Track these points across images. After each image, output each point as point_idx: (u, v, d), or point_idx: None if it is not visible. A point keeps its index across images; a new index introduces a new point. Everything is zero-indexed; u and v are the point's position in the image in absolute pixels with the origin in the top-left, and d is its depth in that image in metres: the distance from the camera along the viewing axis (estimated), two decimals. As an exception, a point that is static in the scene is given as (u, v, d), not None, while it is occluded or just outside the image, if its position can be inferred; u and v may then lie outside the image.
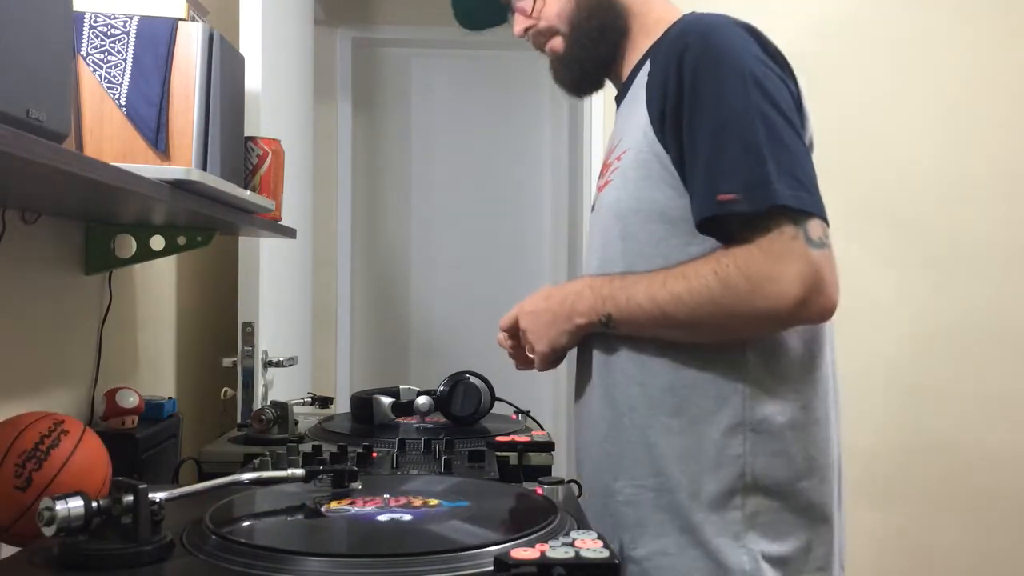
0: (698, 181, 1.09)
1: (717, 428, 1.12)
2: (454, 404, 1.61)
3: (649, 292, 1.11)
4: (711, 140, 1.08)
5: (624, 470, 1.18)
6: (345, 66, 3.71)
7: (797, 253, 1.04)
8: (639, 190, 1.15)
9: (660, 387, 1.15)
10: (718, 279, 1.06)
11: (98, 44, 1.28)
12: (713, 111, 1.08)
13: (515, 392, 1.78)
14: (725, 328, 1.10)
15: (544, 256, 3.83)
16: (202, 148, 1.33)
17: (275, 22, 2.23)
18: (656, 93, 1.14)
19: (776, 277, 1.04)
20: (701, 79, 1.09)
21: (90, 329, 1.58)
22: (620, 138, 1.22)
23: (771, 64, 1.12)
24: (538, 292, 1.26)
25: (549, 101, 3.82)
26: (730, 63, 1.09)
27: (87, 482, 1.06)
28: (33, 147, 0.78)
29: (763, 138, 1.06)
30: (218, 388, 2.12)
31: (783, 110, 1.09)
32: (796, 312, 1.05)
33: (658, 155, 1.13)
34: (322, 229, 3.50)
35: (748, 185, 1.05)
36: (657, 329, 1.13)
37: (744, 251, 1.06)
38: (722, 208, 1.06)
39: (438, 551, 0.84)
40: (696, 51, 1.10)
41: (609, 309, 1.15)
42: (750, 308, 1.06)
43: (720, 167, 1.07)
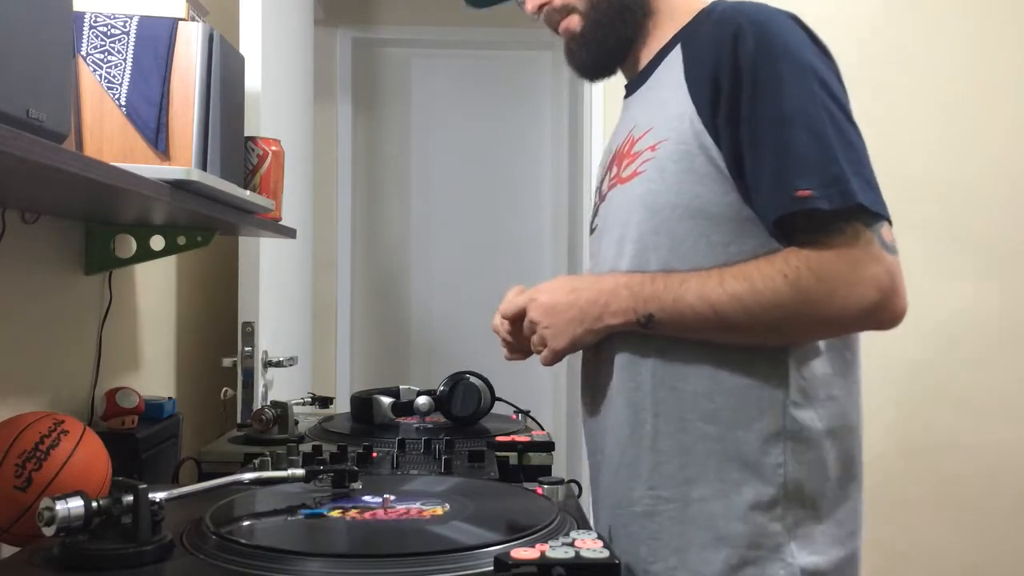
0: (766, 176, 1.02)
1: (757, 435, 1.06)
2: (454, 404, 1.61)
3: (702, 293, 1.03)
4: (777, 133, 1.01)
5: (646, 479, 1.10)
6: (345, 66, 3.71)
7: (874, 256, 0.99)
8: (680, 183, 1.07)
9: (695, 391, 1.08)
10: (788, 282, 1.00)
11: (98, 44, 1.28)
12: (777, 103, 1.02)
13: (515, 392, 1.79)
14: (787, 333, 1.05)
15: (544, 256, 3.83)
16: (202, 148, 1.33)
17: (275, 22, 2.23)
18: (704, 81, 1.06)
19: (853, 281, 0.99)
20: (762, 69, 1.03)
21: (90, 329, 1.58)
22: (648, 127, 1.13)
23: (823, 56, 1.08)
24: (556, 283, 1.16)
25: (549, 101, 3.82)
26: (791, 54, 1.04)
27: (87, 482, 1.06)
28: (33, 147, 0.78)
29: (832, 134, 1.01)
30: (218, 388, 2.12)
31: (843, 105, 1.05)
32: (869, 317, 1.01)
33: (704, 147, 1.05)
34: (322, 229, 3.50)
35: (825, 182, 0.99)
36: (707, 332, 1.06)
37: (816, 254, 1.00)
38: (801, 204, 0.99)
39: (438, 551, 0.84)
40: (752, 39, 1.04)
41: (651, 309, 1.07)
42: (821, 313, 1.01)
43: (792, 161, 1.00)
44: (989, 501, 2.73)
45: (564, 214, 3.77)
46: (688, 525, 1.07)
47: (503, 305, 1.21)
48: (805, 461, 1.06)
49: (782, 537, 1.05)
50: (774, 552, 1.05)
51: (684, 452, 1.08)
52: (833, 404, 1.08)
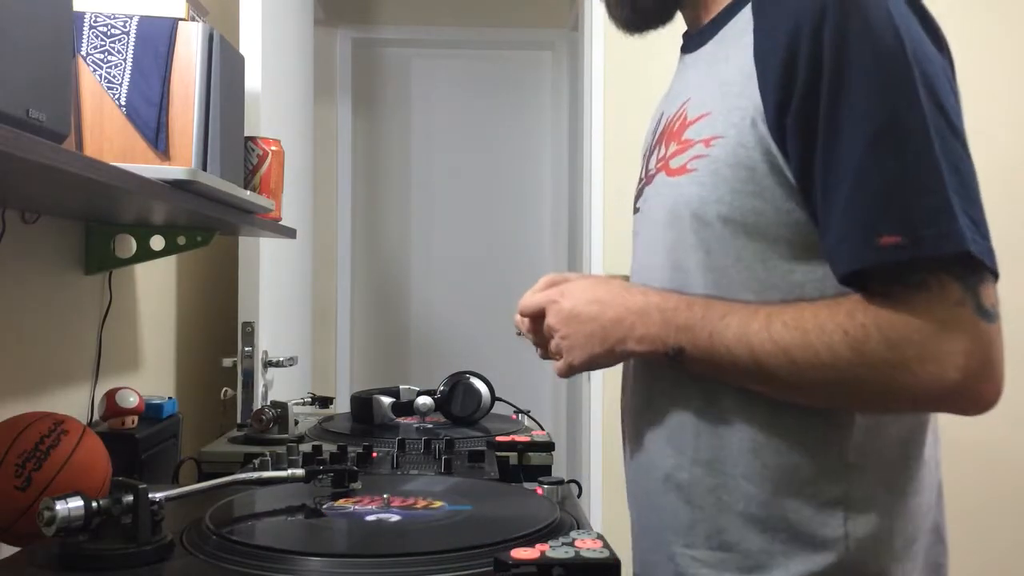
0: (842, 211, 0.81)
1: (811, 503, 0.88)
2: (454, 404, 1.61)
3: (743, 334, 0.85)
4: (864, 150, 0.79)
5: (680, 534, 0.95)
6: (345, 66, 3.71)
7: (964, 325, 0.79)
8: (736, 196, 0.88)
9: (740, 445, 0.90)
10: (848, 342, 0.81)
11: (98, 44, 1.28)
12: (868, 107, 0.80)
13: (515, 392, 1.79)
14: (841, 401, 0.87)
15: (544, 256, 3.83)
16: (202, 148, 1.33)
17: (275, 22, 2.23)
18: (776, 69, 0.84)
19: (932, 354, 0.79)
20: (850, 60, 0.80)
21: (90, 329, 1.58)
22: (706, 110, 0.92)
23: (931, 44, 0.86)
24: (581, 288, 0.98)
25: (549, 101, 3.83)
26: (890, 44, 0.81)
27: (87, 482, 1.06)
28: (33, 147, 0.78)
29: (937, 155, 0.79)
30: (218, 388, 2.12)
31: (953, 120, 0.82)
32: (949, 400, 0.82)
33: (769, 154, 0.85)
34: (322, 229, 3.50)
35: (921, 221, 0.78)
36: (743, 380, 0.89)
37: (893, 313, 0.79)
38: (884, 256, 0.78)
39: (438, 551, 0.84)
40: (841, 17, 0.81)
41: (682, 342, 0.89)
42: (885, 385, 0.81)
43: (880, 193, 0.79)
44: (986, 500, 2.73)
45: (564, 214, 3.77)
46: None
47: (523, 299, 1.04)
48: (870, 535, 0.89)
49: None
50: None
51: (724, 512, 0.92)
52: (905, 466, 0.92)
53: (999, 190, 2.76)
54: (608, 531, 1.06)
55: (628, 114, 2.78)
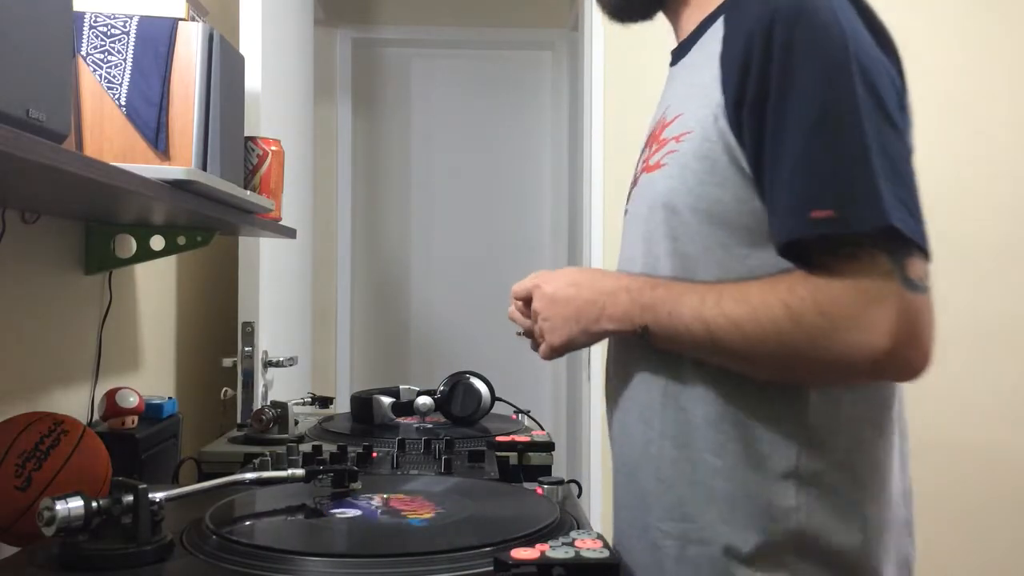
0: (783, 189, 0.88)
1: (768, 476, 0.93)
2: (454, 404, 1.61)
3: (698, 311, 0.92)
4: (804, 139, 0.87)
5: (650, 508, 1.00)
6: (345, 66, 3.71)
7: (890, 293, 0.84)
8: (701, 185, 0.94)
9: (704, 418, 0.95)
10: (788, 312, 0.87)
11: (98, 44, 1.28)
12: (807, 102, 0.87)
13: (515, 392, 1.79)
14: (785, 371, 0.92)
15: (544, 256, 3.83)
16: (202, 148, 1.33)
17: (275, 22, 2.23)
18: (734, 70, 0.92)
19: (861, 321, 0.84)
20: (794, 60, 0.88)
21: (90, 329, 1.58)
22: (680, 112, 1.00)
23: (874, 47, 0.93)
24: (561, 274, 1.07)
25: (549, 101, 3.82)
26: (832, 42, 0.88)
27: (87, 482, 1.06)
28: (33, 147, 0.78)
29: (871, 143, 0.86)
30: (218, 388, 2.12)
31: (889, 111, 0.89)
32: (879, 367, 0.86)
33: (729, 147, 0.93)
34: (322, 229, 3.50)
35: (850, 199, 0.85)
36: (700, 353, 0.95)
37: (825, 283, 0.86)
38: (815, 228, 0.86)
39: (438, 551, 0.84)
40: (787, 22, 0.89)
41: (647, 320, 0.96)
42: (823, 354, 0.87)
43: (815, 174, 0.87)
44: (986, 500, 2.73)
45: (564, 214, 3.77)
46: (685, 566, 0.96)
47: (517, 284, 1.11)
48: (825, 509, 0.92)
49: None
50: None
51: (687, 484, 0.97)
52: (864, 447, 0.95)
53: (999, 190, 2.77)
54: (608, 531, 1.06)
55: (628, 114, 2.78)
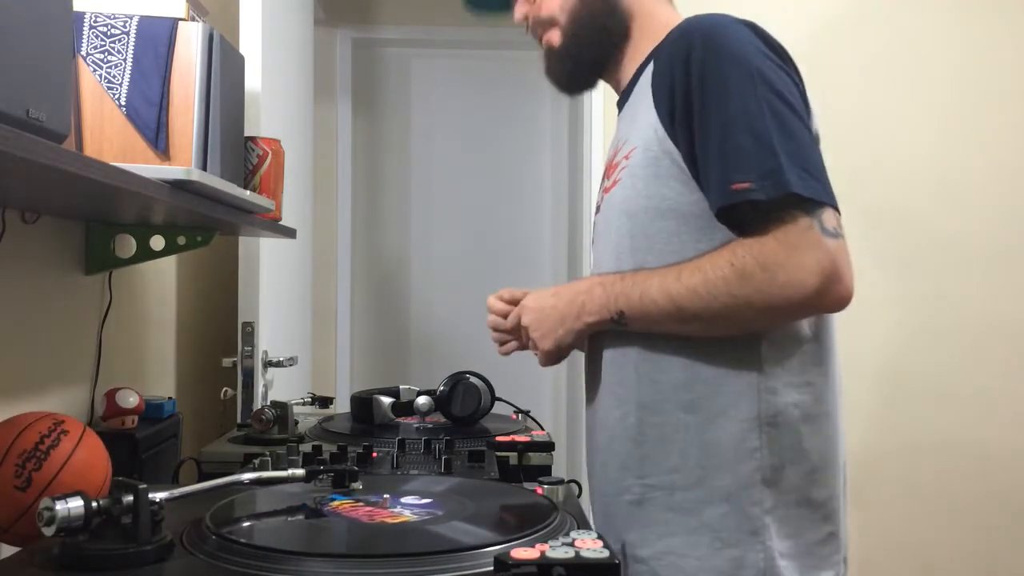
0: (712, 172, 1.09)
1: (734, 422, 1.11)
2: (454, 404, 1.61)
3: (663, 287, 1.10)
4: (721, 132, 1.08)
5: (633, 468, 1.16)
6: (345, 66, 3.71)
7: (812, 242, 1.03)
8: (648, 187, 1.14)
9: (674, 383, 1.14)
10: (734, 270, 1.06)
11: (98, 44, 1.28)
12: (722, 105, 1.08)
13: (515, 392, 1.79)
14: (741, 320, 1.10)
15: (544, 256, 3.83)
16: (202, 148, 1.33)
17: (275, 22, 2.23)
18: (663, 91, 1.14)
19: (793, 267, 1.03)
20: (709, 75, 1.10)
21: (90, 329, 1.58)
22: (626, 139, 1.22)
23: (775, 59, 1.13)
24: (542, 290, 1.26)
25: (549, 101, 3.82)
26: (735, 59, 1.10)
27: (87, 482, 1.06)
28: (33, 147, 0.78)
29: (772, 129, 1.06)
30: (218, 388, 2.12)
31: (789, 102, 1.10)
32: (813, 301, 1.05)
33: (668, 151, 1.13)
34: (322, 229, 3.50)
35: (761, 174, 1.05)
36: (671, 324, 1.12)
37: (759, 242, 1.05)
38: (737, 196, 1.06)
39: (438, 551, 0.84)
40: (701, 49, 1.11)
41: (621, 306, 1.14)
42: (767, 298, 1.05)
43: (732, 157, 1.07)
44: (980, 497, 2.73)
45: (564, 214, 3.77)
46: (674, 512, 1.13)
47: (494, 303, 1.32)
48: (781, 447, 1.11)
49: (759, 521, 1.10)
50: (753, 536, 1.10)
51: (666, 441, 1.14)
52: (808, 390, 1.13)
53: (999, 191, 2.77)
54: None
55: (628, 114, 2.78)
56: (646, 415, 1.16)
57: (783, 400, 1.12)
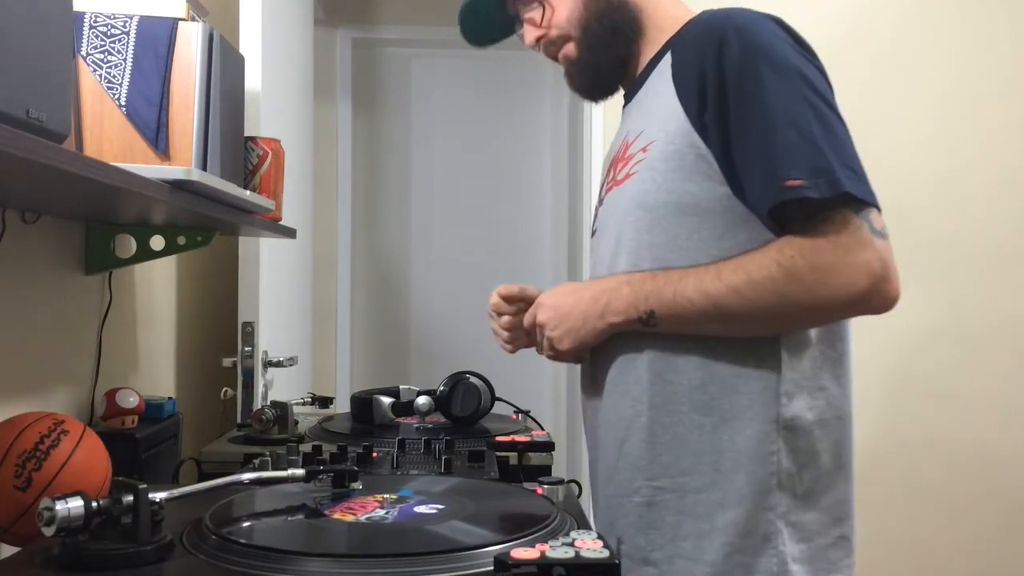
0: (757, 171, 1.06)
1: (751, 425, 1.09)
2: (454, 404, 1.61)
3: (700, 286, 1.07)
4: (765, 130, 1.05)
5: (644, 469, 1.14)
6: (345, 66, 3.71)
7: (864, 242, 1.02)
8: (670, 182, 1.11)
9: (689, 384, 1.12)
10: (783, 270, 1.03)
11: (98, 44, 1.28)
12: (763, 102, 1.06)
13: (515, 392, 1.79)
14: (784, 320, 1.08)
15: (544, 256, 3.83)
16: (202, 148, 1.33)
17: (275, 22, 2.23)
18: (690, 84, 1.11)
19: (844, 267, 1.02)
20: (747, 72, 1.07)
21: (90, 329, 1.58)
22: (640, 131, 1.18)
23: (806, 54, 1.12)
24: (558, 287, 1.23)
25: (549, 101, 3.82)
26: (773, 54, 1.08)
27: (87, 482, 1.06)
28: (33, 147, 0.78)
29: (816, 127, 1.05)
30: (218, 388, 2.12)
31: (827, 99, 1.09)
32: (862, 302, 1.04)
33: (694, 146, 1.10)
34: (322, 229, 3.50)
35: (813, 172, 1.02)
36: (706, 325, 1.09)
37: (809, 242, 1.03)
38: (790, 193, 1.03)
39: (438, 551, 0.84)
40: (736, 44, 1.08)
41: (652, 306, 1.10)
42: (816, 299, 1.03)
43: (780, 155, 1.04)
44: (980, 497, 2.73)
45: (564, 214, 3.77)
46: (685, 515, 1.11)
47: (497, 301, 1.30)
48: (797, 450, 1.10)
49: (773, 525, 1.08)
50: (766, 540, 1.08)
51: (680, 443, 1.12)
52: (824, 395, 1.12)
53: (999, 191, 2.76)
54: (608, 531, 1.06)
55: (628, 114, 2.78)
56: (659, 415, 1.13)
57: (801, 403, 1.10)
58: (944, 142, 2.77)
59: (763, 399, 1.09)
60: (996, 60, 2.77)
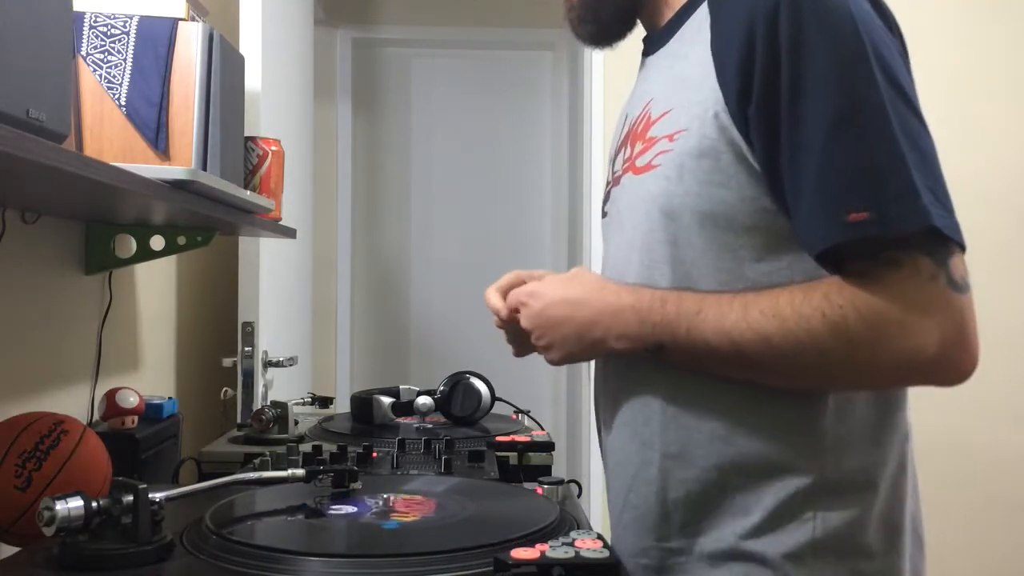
0: (809, 191, 0.82)
1: (786, 488, 0.89)
2: (454, 404, 1.61)
3: (721, 326, 0.86)
4: (826, 135, 0.81)
5: (653, 529, 0.95)
6: (345, 66, 3.71)
7: (938, 299, 0.80)
8: (702, 186, 0.89)
9: (711, 433, 0.91)
10: (828, 325, 0.82)
11: (98, 44, 1.28)
12: (827, 96, 0.82)
13: (515, 392, 1.79)
14: (823, 382, 0.88)
15: (544, 256, 3.83)
16: (202, 148, 1.33)
17: (275, 22, 2.23)
18: (734, 61, 0.86)
19: (909, 329, 0.80)
20: (808, 50, 0.82)
21: (90, 329, 1.58)
22: (668, 108, 0.94)
23: (887, 34, 0.88)
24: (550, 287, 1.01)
25: (549, 101, 3.82)
26: (846, 30, 0.83)
27: (87, 482, 1.06)
28: (33, 147, 0.78)
29: (897, 135, 0.81)
30: (218, 388, 2.12)
31: (912, 101, 0.85)
32: (929, 372, 0.82)
33: (732, 144, 0.87)
34: (322, 229, 3.50)
35: (886, 199, 0.80)
36: (723, 369, 0.90)
37: (868, 292, 0.81)
38: (854, 231, 0.80)
39: (438, 551, 0.84)
40: (794, 7, 0.83)
41: (662, 339, 0.90)
42: (866, 365, 0.83)
43: (843, 174, 0.81)
44: (980, 497, 2.73)
45: (564, 214, 3.77)
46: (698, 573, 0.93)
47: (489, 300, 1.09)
48: (842, 517, 0.89)
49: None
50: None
51: (695, 504, 0.93)
52: (878, 452, 0.91)
53: (999, 191, 2.76)
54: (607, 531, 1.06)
55: (628, 114, 2.77)
56: (673, 467, 0.93)
57: (848, 464, 0.89)
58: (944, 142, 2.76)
59: (805, 456, 0.89)
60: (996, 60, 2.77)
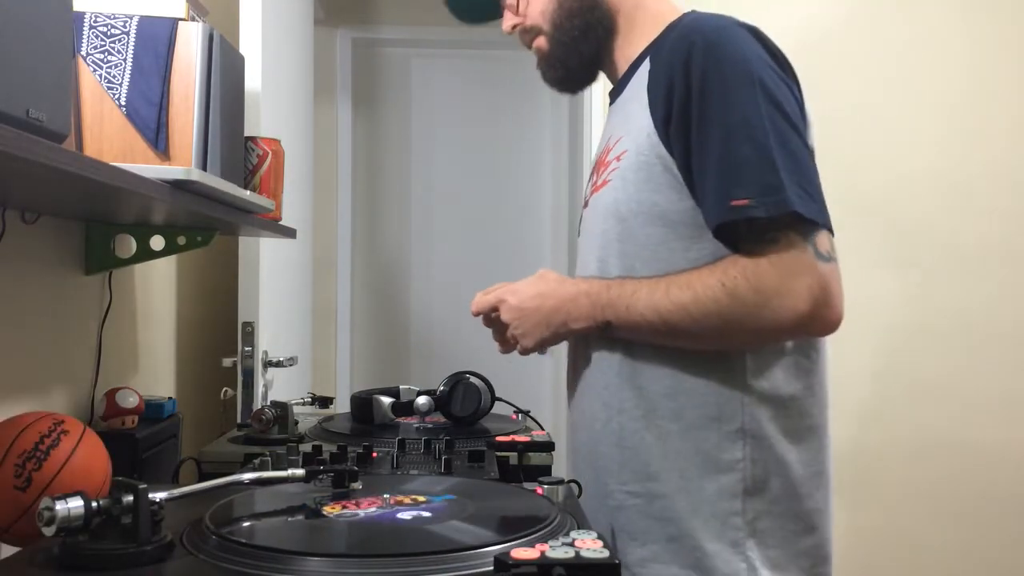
0: (710, 186, 1.08)
1: (718, 433, 1.12)
2: (454, 404, 1.61)
3: (651, 301, 1.10)
4: (721, 145, 1.06)
5: (614, 474, 1.17)
6: (345, 66, 3.71)
7: (806, 267, 1.04)
8: (640, 192, 1.14)
9: (659, 391, 1.14)
10: (725, 291, 1.06)
11: (98, 44, 1.28)
12: (722, 115, 1.07)
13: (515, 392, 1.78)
14: (729, 339, 1.11)
15: (544, 256, 3.83)
16: (202, 148, 1.33)
17: (275, 22, 2.23)
18: (660, 95, 1.13)
19: (785, 291, 1.03)
20: (709, 83, 1.08)
21: (90, 329, 1.58)
22: (619, 137, 1.20)
23: (777, 69, 1.12)
24: (524, 286, 1.24)
25: (549, 101, 3.82)
26: (738, 67, 1.08)
27: (87, 482, 1.06)
28: (33, 147, 0.78)
29: (773, 144, 1.05)
30: (218, 388, 2.12)
31: (790, 117, 1.08)
32: (802, 326, 1.06)
33: (661, 157, 1.12)
34: (322, 229, 3.50)
35: (762, 191, 1.04)
36: (659, 338, 1.13)
37: (752, 263, 1.05)
38: (736, 213, 1.05)
39: (438, 551, 0.84)
40: (702, 54, 1.09)
41: (608, 317, 1.14)
42: (757, 322, 1.06)
43: (732, 172, 1.05)
44: (980, 497, 2.73)
45: (564, 214, 3.77)
46: (654, 520, 1.14)
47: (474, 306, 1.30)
48: (765, 459, 1.11)
49: (741, 532, 1.10)
50: (734, 547, 1.10)
51: (648, 449, 1.14)
52: (794, 404, 1.13)
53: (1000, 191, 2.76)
54: (608, 531, 1.06)
55: (628, 114, 2.77)
56: (628, 421, 1.16)
57: (768, 412, 1.12)
58: (944, 142, 2.77)
59: (731, 407, 1.12)
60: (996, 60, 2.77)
